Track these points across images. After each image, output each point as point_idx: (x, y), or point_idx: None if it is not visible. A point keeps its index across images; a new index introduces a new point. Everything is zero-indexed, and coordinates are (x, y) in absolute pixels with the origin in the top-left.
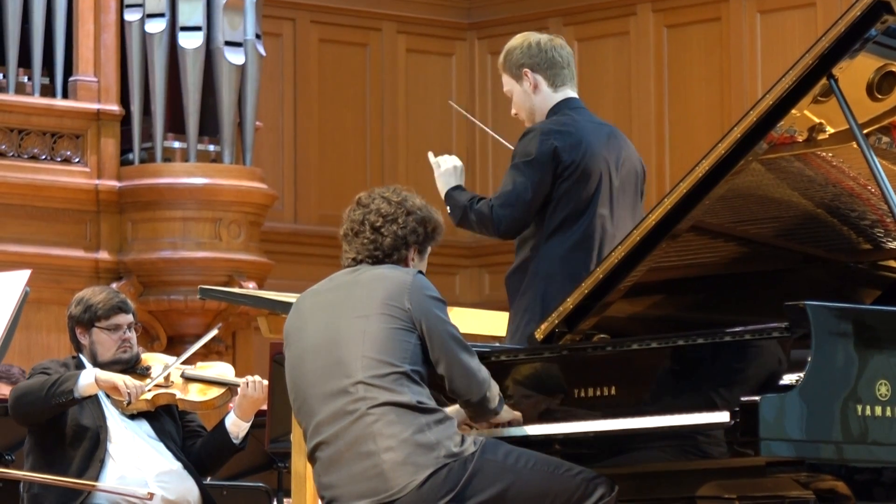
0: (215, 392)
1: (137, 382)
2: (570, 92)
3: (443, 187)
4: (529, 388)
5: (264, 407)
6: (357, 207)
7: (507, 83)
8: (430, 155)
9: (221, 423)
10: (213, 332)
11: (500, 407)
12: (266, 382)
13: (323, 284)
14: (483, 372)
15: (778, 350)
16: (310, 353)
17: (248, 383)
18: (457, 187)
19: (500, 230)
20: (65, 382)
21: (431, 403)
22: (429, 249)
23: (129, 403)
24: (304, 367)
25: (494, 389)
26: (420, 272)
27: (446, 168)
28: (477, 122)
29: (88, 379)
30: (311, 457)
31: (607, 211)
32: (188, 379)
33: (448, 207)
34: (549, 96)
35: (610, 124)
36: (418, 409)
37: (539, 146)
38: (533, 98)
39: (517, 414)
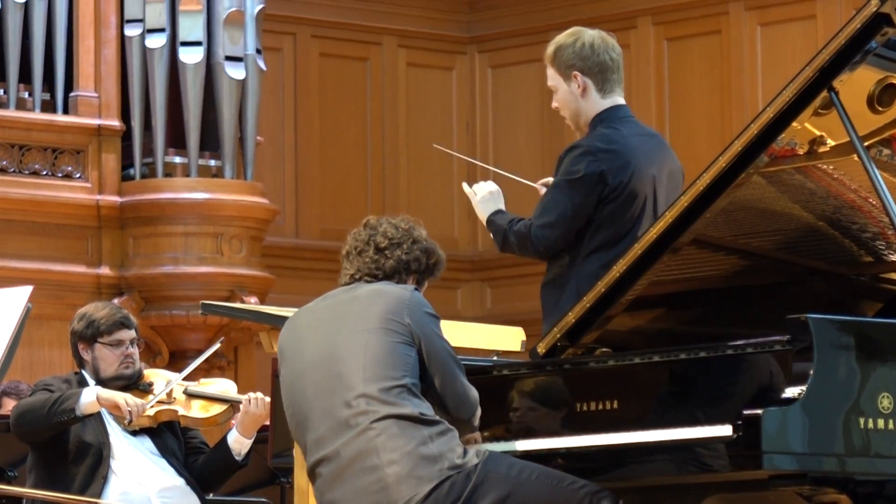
0: (218, 409)
1: (139, 401)
2: (619, 98)
3: (483, 214)
4: (532, 402)
5: (267, 422)
6: (364, 228)
7: (553, 79)
8: (465, 185)
9: (224, 440)
10: (215, 348)
11: (478, 422)
12: (268, 399)
13: (318, 301)
14: (474, 392)
15: (780, 363)
16: (308, 368)
17: (249, 400)
18: (497, 212)
19: (539, 251)
20: (67, 401)
21: (432, 415)
22: (426, 284)
23: (130, 422)
24: (303, 382)
25: (480, 410)
26: (416, 288)
27: (482, 195)
28: (465, 158)
29: (90, 397)
30: (312, 473)
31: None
32: (190, 395)
33: (491, 233)
34: (597, 102)
35: (656, 133)
36: (420, 420)
37: (586, 167)
38: (580, 101)
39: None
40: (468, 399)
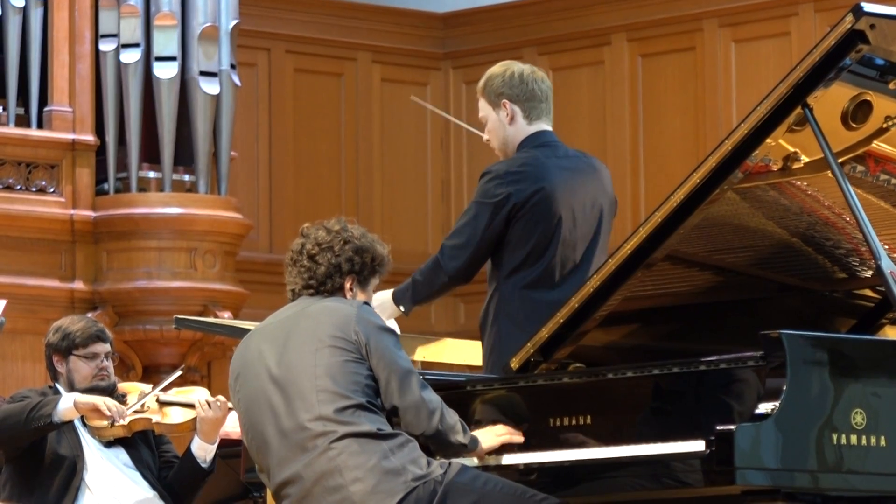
0: (190, 414)
1: (118, 403)
2: (544, 125)
3: (388, 304)
4: (505, 418)
5: (238, 436)
6: (299, 237)
7: (484, 109)
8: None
9: (188, 449)
10: (177, 374)
11: (467, 439)
12: (223, 399)
13: (268, 321)
14: (433, 404)
15: (753, 379)
16: (263, 392)
17: (201, 404)
18: (393, 292)
19: (450, 273)
20: (44, 407)
21: (390, 429)
22: (372, 282)
23: (113, 423)
24: (260, 406)
25: (449, 421)
26: (366, 303)
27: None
28: (445, 115)
29: (67, 403)
30: (277, 495)
31: (571, 249)
32: (163, 403)
33: (402, 308)
34: (523, 129)
35: (584, 155)
36: (379, 436)
37: (493, 190)
38: (507, 128)
39: (501, 440)
40: (424, 411)
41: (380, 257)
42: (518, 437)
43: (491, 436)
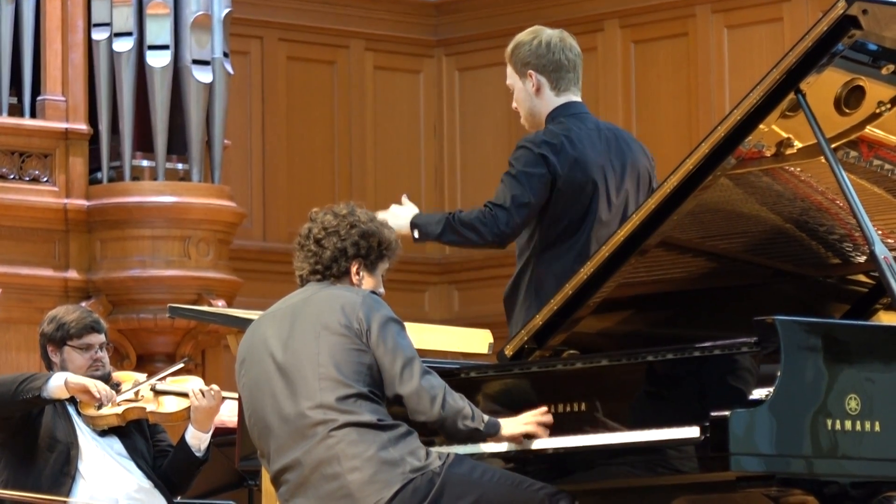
0: (184, 403)
1: (109, 387)
2: (573, 96)
3: (404, 221)
4: (499, 405)
5: (233, 425)
6: (307, 222)
7: (511, 76)
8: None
9: (182, 438)
10: (179, 365)
11: (480, 423)
12: (217, 388)
13: (276, 307)
14: (434, 390)
15: (748, 365)
16: (266, 377)
17: (194, 393)
18: (417, 215)
19: (496, 232)
20: (35, 381)
21: (390, 420)
22: (381, 267)
23: (100, 407)
24: (262, 391)
25: (455, 406)
26: (372, 292)
27: (394, 212)
28: None
29: (58, 381)
30: (276, 481)
31: (605, 227)
32: (157, 392)
33: (416, 233)
34: (551, 100)
35: (615, 128)
36: (379, 426)
37: (533, 160)
38: (534, 100)
39: (527, 427)
40: (426, 397)
41: (387, 242)
42: (547, 417)
43: (515, 422)
